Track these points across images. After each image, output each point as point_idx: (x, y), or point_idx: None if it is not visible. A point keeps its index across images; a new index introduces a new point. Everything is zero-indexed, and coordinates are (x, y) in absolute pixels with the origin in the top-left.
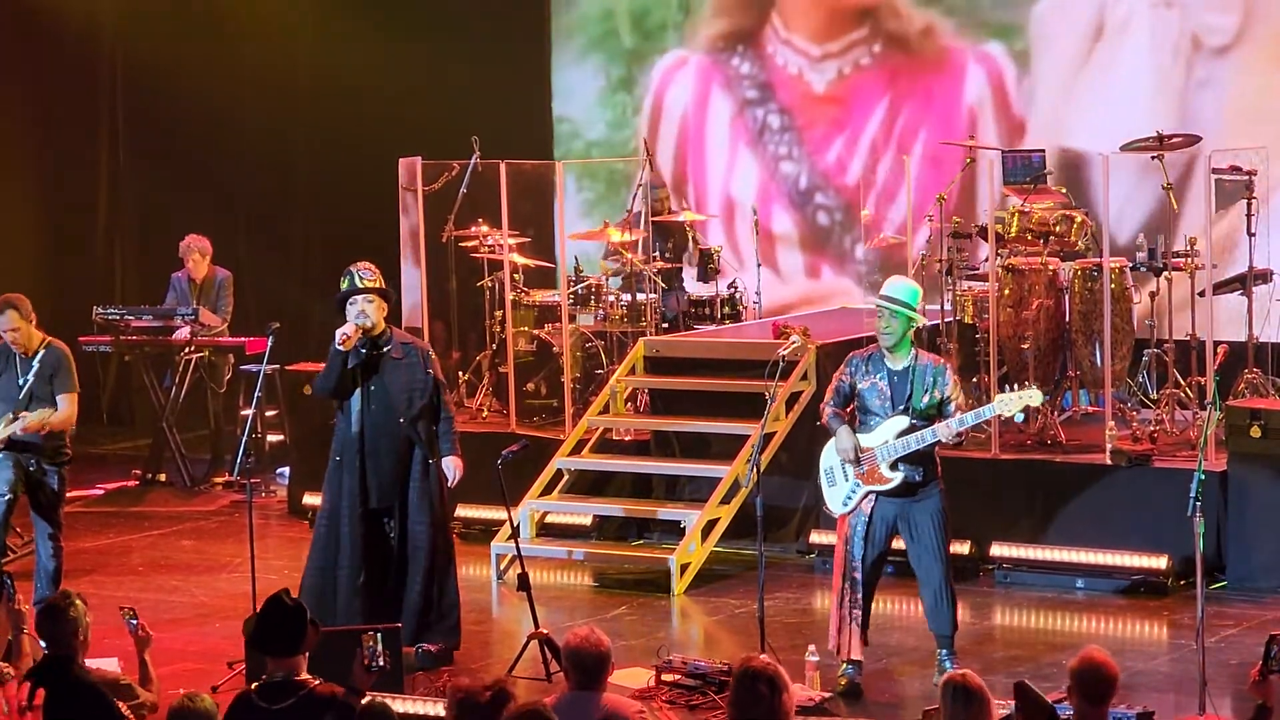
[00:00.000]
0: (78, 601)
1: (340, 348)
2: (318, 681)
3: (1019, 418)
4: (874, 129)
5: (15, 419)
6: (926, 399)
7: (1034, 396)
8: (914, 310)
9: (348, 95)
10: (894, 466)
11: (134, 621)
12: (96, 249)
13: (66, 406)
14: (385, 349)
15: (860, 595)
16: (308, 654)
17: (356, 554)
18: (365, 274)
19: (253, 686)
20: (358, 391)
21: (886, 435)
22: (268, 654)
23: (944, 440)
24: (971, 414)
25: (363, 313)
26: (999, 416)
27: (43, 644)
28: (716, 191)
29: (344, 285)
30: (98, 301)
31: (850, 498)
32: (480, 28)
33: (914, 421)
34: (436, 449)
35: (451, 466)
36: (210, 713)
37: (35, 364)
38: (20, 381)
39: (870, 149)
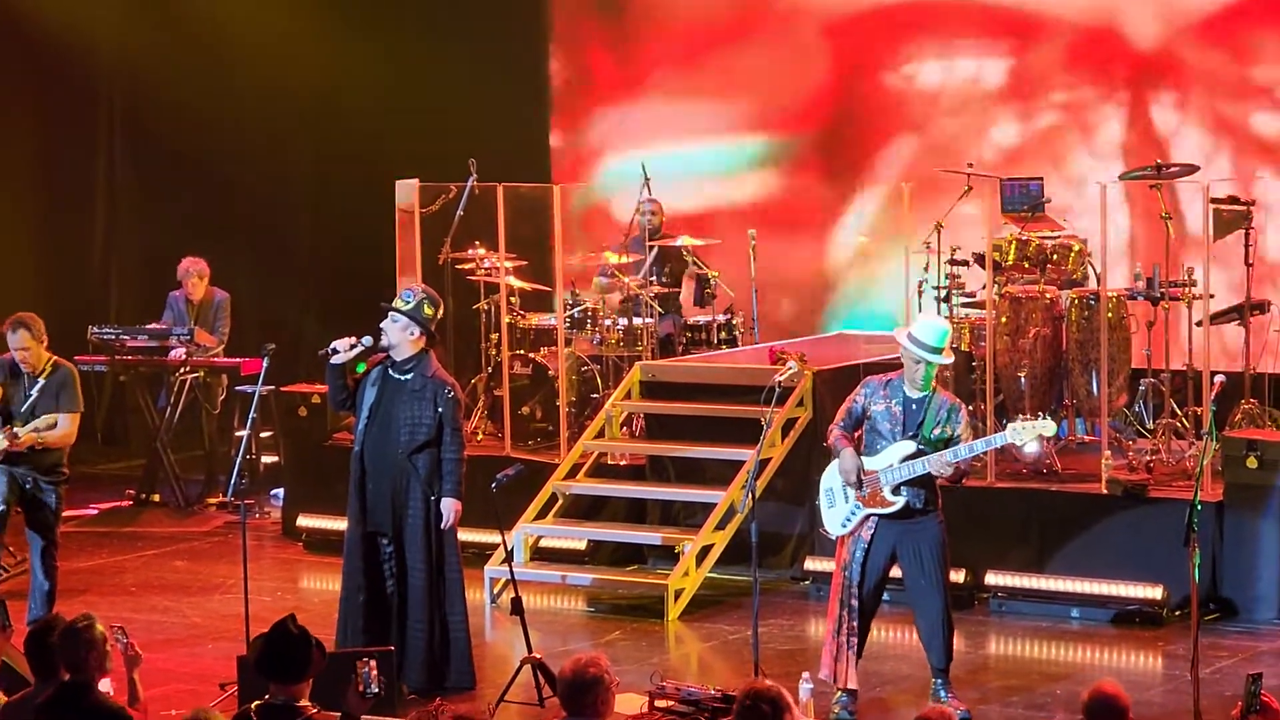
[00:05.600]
0: (98, 625)
1: (322, 351)
2: (316, 710)
3: (1030, 447)
4: None
5: (12, 431)
6: (937, 431)
7: (1047, 426)
8: (938, 353)
9: (346, 117)
10: (896, 490)
11: (124, 640)
12: (93, 269)
13: (66, 425)
14: (402, 377)
15: (857, 623)
16: (311, 680)
17: (358, 573)
18: (405, 294)
19: (253, 706)
20: (365, 411)
21: (891, 459)
22: (271, 679)
23: (941, 470)
24: (982, 441)
25: (380, 329)
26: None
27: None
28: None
29: None
30: (94, 321)
31: (849, 520)
32: (480, 51)
33: (920, 448)
34: (438, 486)
35: (448, 508)
36: None
37: (41, 381)
38: (24, 397)
39: None
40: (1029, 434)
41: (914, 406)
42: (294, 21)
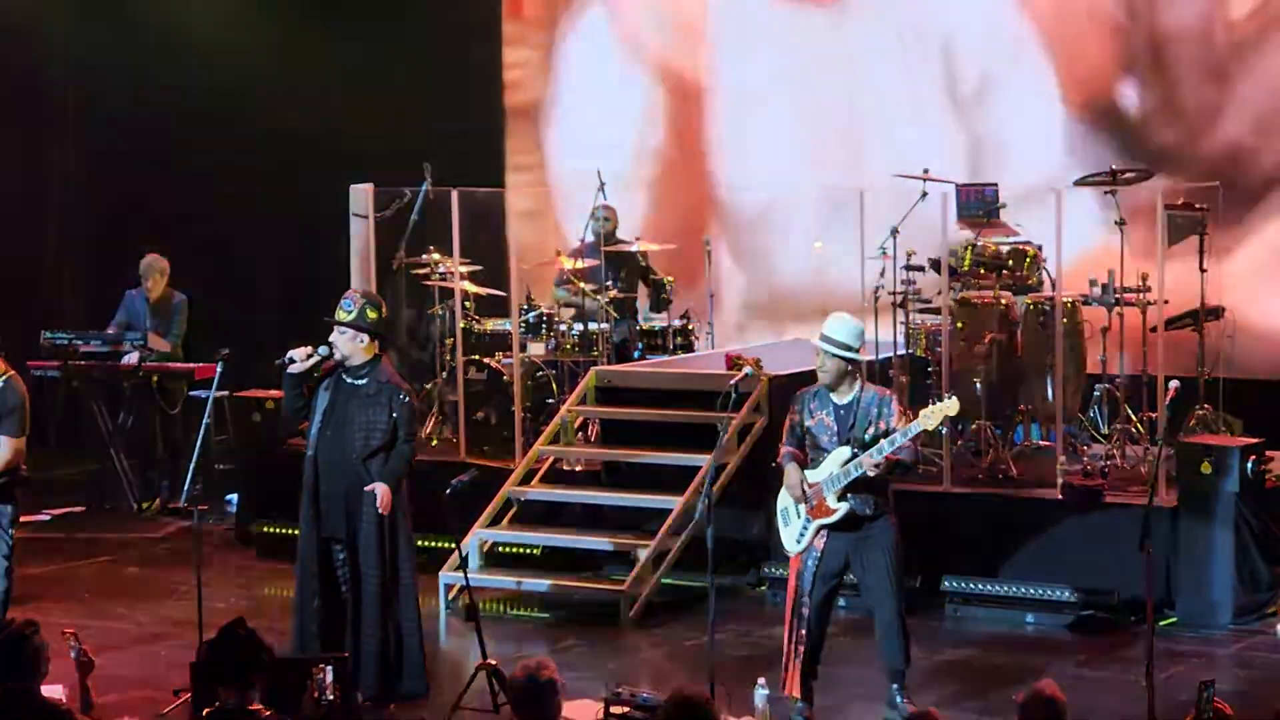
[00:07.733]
0: (39, 631)
1: (279, 360)
2: (270, 713)
3: (942, 430)
4: None
5: None
6: (871, 430)
7: (951, 406)
8: (852, 350)
9: (300, 120)
10: (841, 498)
11: (76, 646)
12: (45, 273)
13: (6, 452)
14: (356, 381)
15: (806, 631)
16: (260, 683)
17: (313, 578)
18: (345, 303)
19: (204, 713)
20: (318, 415)
21: (831, 467)
22: (219, 683)
23: (872, 470)
24: (900, 432)
25: (329, 343)
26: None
27: None
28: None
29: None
30: (46, 325)
31: (802, 535)
32: (437, 54)
33: (855, 451)
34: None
35: (380, 491)
36: None
37: None
38: None
39: None
40: (936, 418)
41: (843, 412)
42: (250, 21)
